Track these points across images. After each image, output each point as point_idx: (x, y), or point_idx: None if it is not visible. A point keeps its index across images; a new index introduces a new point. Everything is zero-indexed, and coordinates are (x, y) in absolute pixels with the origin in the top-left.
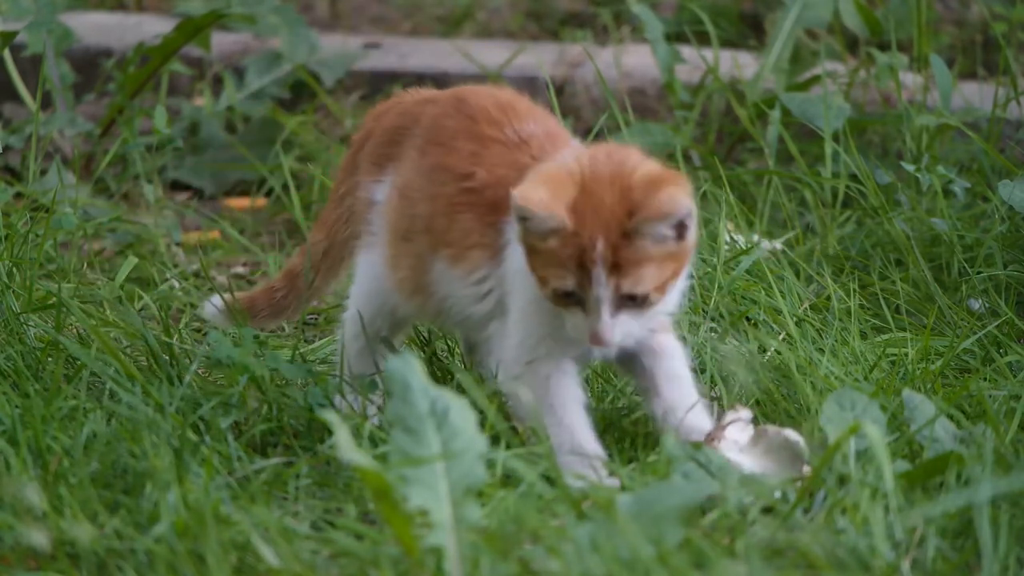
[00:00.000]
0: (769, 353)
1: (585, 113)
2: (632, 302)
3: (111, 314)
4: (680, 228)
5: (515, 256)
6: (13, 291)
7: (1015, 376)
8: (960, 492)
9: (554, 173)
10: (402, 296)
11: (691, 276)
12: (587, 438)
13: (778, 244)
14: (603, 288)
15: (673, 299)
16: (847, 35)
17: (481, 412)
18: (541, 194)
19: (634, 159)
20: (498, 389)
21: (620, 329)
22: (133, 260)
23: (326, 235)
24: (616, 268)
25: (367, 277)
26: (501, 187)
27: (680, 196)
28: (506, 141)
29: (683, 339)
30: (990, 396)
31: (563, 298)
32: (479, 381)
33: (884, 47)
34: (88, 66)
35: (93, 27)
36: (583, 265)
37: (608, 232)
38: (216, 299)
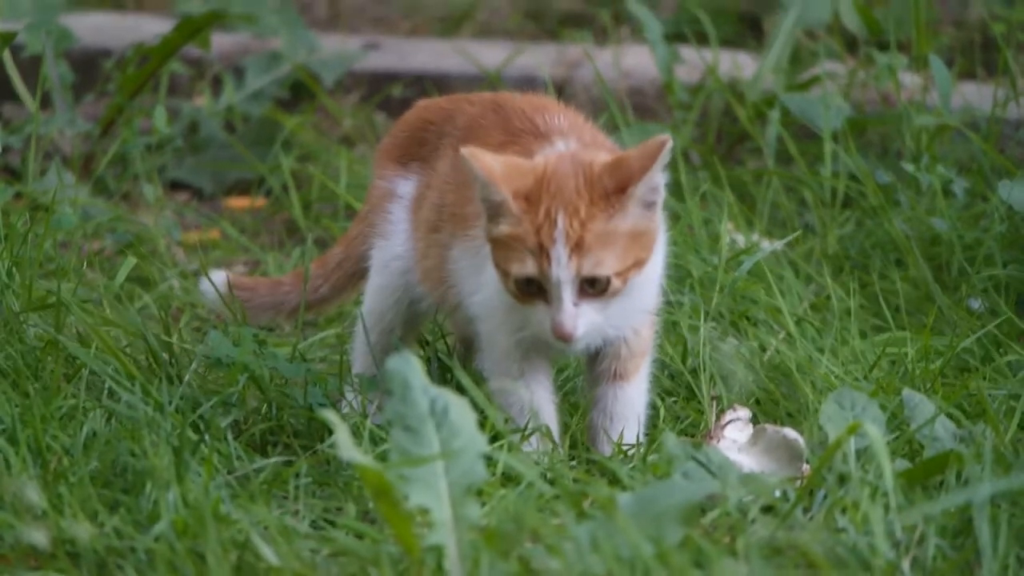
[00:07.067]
0: (769, 352)
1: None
2: (593, 288)
3: (111, 314)
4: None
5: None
6: (13, 291)
7: (1015, 376)
8: (960, 491)
9: (516, 160)
10: (427, 286)
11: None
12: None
13: (779, 244)
14: (563, 269)
15: (650, 295)
16: (846, 35)
17: (481, 412)
18: (490, 163)
19: (598, 155)
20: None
21: (584, 320)
22: (133, 260)
23: (344, 247)
24: (578, 247)
25: (381, 268)
26: None
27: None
28: (533, 132)
29: (683, 339)
30: (990, 395)
31: (525, 288)
32: (479, 381)
33: (883, 47)
34: (88, 66)
35: (92, 27)
36: (542, 245)
37: (571, 207)
38: (216, 276)
